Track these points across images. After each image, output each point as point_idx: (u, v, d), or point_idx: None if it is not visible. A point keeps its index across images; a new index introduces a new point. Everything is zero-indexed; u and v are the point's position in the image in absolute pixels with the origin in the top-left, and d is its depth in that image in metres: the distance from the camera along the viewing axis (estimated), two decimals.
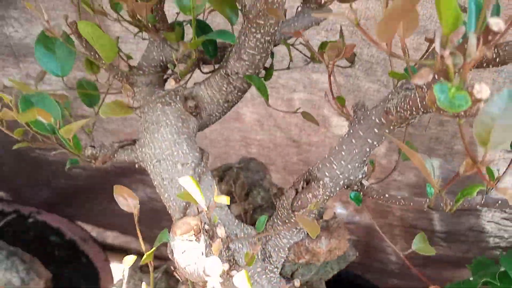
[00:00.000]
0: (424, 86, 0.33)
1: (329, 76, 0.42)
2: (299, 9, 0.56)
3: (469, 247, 0.93)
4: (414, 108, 0.35)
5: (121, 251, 1.38)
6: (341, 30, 0.56)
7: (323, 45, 0.56)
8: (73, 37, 0.50)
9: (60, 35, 0.48)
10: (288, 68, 0.59)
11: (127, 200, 0.43)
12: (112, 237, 1.36)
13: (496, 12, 0.31)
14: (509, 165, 0.43)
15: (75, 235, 1.29)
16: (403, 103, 0.36)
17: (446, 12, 0.24)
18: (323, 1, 0.55)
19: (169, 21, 0.51)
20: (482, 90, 0.25)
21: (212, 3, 0.43)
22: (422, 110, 0.33)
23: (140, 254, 0.44)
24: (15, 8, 0.77)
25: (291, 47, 0.57)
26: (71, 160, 0.55)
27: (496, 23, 0.25)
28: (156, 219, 1.07)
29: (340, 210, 0.98)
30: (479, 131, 0.25)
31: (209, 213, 0.36)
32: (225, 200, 0.34)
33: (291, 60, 0.57)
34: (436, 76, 0.32)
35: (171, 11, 0.50)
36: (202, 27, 0.48)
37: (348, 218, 0.95)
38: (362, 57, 0.68)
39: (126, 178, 1.13)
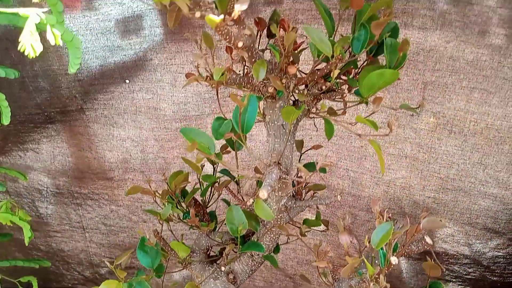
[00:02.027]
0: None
1: (318, 269, 0.73)
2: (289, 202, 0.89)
3: None
4: None
5: None
6: (317, 208, 0.88)
7: (305, 221, 0.87)
8: None
9: (154, 244, 0.77)
10: (287, 243, 0.89)
11: None
12: None
13: (395, 249, 0.63)
14: None
15: None
16: (358, 285, 0.66)
17: (370, 269, 0.55)
18: (304, 197, 0.88)
19: None
20: None
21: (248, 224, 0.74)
22: None
23: None
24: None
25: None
26: None
27: (393, 260, 0.56)
28: None
29: None
30: None
31: None
32: None
33: (288, 239, 0.88)
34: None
35: None
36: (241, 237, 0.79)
37: None
38: (334, 223, 1.00)
39: None
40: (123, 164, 0.98)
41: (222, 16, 0.44)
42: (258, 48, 0.69)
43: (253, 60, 0.59)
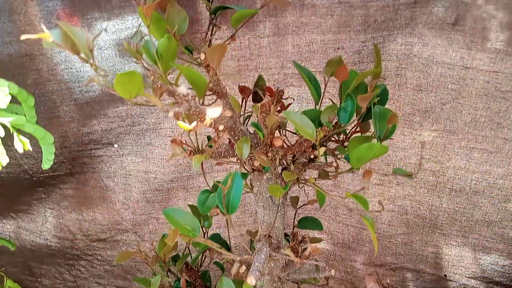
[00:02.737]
0: None
1: None
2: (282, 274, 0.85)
3: None
4: None
5: None
6: (316, 263, 0.84)
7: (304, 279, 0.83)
8: None
9: None
10: None
11: None
12: None
13: None
14: None
15: None
16: None
17: None
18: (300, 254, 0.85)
19: None
20: None
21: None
22: None
23: None
24: None
25: None
26: None
27: None
28: None
29: None
30: None
31: None
32: None
33: None
34: None
35: None
36: None
37: None
38: (334, 276, 0.96)
39: None
40: (115, 226, 0.95)
41: (194, 123, 0.42)
42: (244, 112, 0.68)
43: (236, 138, 0.57)
